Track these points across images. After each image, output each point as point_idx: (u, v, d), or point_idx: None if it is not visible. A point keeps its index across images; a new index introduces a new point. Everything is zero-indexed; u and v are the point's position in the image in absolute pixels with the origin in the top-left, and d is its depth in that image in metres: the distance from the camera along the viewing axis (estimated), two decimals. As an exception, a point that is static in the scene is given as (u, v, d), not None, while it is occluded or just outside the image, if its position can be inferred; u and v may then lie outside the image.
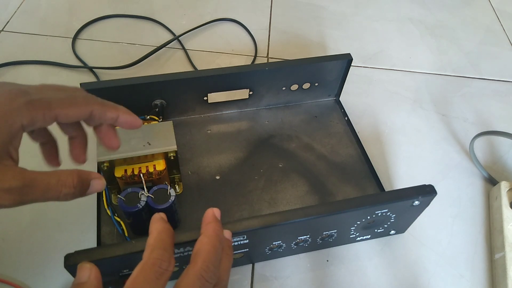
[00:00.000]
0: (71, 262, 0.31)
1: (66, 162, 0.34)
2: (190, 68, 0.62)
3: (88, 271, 0.25)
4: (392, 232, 0.45)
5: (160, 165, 0.41)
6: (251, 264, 0.43)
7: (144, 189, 0.39)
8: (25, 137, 0.29)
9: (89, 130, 0.34)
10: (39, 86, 0.29)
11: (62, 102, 0.29)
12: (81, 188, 0.29)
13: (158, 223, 0.27)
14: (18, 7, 0.70)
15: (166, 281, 0.24)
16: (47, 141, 0.33)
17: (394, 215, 0.40)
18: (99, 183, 0.30)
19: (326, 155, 0.51)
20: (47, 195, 0.27)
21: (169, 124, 0.43)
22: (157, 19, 0.69)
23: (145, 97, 0.48)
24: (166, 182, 0.42)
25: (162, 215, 0.28)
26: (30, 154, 0.34)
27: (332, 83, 0.55)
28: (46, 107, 0.28)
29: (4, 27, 0.66)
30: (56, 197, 0.28)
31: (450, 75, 0.65)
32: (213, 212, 0.29)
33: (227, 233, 0.30)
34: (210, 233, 0.27)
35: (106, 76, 0.60)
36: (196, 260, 0.25)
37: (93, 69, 0.60)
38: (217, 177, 0.48)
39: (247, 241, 0.36)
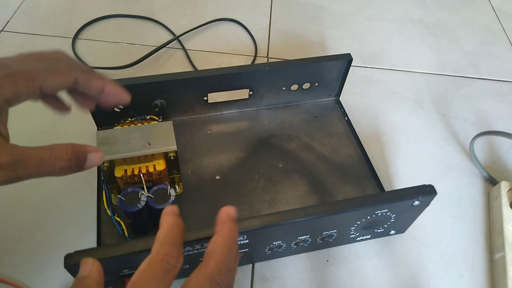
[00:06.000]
0: (71, 262, 0.31)
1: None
2: (190, 68, 0.62)
3: (90, 266, 0.24)
4: (392, 232, 0.45)
5: (160, 165, 0.41)
6: (251, 264, 0.43)
7: (144, 189, 0.39)
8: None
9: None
10: (18, 57, 0.29)
11: (45, 71, 0.28)
12: (77, 162, 0.28)
13: (169, 217, 0.26)
14: (18, 7, 0.70)
15: (173, 278, 0.23)
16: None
17: (394, 215, 0.40)
18: (97, 156, 0.29)
19: (326, 155, 0.51)
20: (40, 169, 0.27)
21: (169, 124, 0.43)
22: (157, 19, 0.69)
23: (145, 97, 0.48)
24: (166, 182, 0.42)
25: (174, 208, 0.27)
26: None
27: (332, 83, 0.55)
28: (28, 78, 0.27)
29: (4, 27, 0.66)
30: (50, 171, 0.27)
31: (450, 75, 0.65)
32: (228, 212, 0.27)
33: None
34: (226, 233, 0.25)
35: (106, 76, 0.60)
36: (209, 260, 0.24)
37: (93, 69, 0.60)
38: (217, 177, 0.48)
39: (247, 241, 0.36)
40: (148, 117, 0.46)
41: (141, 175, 0.40)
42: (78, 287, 0.23)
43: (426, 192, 0.38)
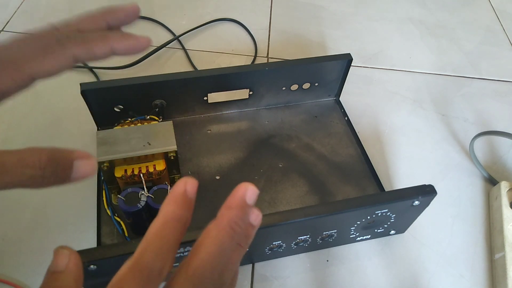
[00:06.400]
0: (71, 262, 0.31)
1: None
2: (190, 68, 0.62)
3: (67, 258, 0.19)
4: (392, 232, 0.45)
5: (160, 165, 0.41)
6: (251, 264, 0.43)
7: (144, 189, 0.39)
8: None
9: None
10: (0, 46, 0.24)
11: (32, 55, 0.23)
12: (55, 170, 0.21)
13: (171, 206, 0.20)
14: (18, 7, 0.70)
15: None
16: None
17: (394, 215, 0.40)
18: (87, 164, 0.23)
19: (326, 155, 0.51)
20: (4, 178, 0.20)
21: (169, 124, 0.43)
22: (157, 19, 0.69)
23: (145, 97, 0.48)
24: (166, 182, 0.42)
25: (189, 185, 0.21)
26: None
27: (332, 83, 0.55)
28: (12, 67, 0.22)
29: (4, 27, 0.66)
30: (17, 180, 0.20)
31: (450, 75, 0.65)
32: (242, 192, 0.21)
33: (254, 216, 0.21)
34: (223, 223, 0.20)
35: (106, 76, 0.60)
36: (190, 260, 0.19)
37: (93, 69, 0.60)
38: (217, 177, 0.48)
39: (247, 241, 0.36)
40: (148, 117, 0.46)
41: (141, 175, 0.40)
42: (53, 286, 0.19)
43: (426, 192, 0.38)
